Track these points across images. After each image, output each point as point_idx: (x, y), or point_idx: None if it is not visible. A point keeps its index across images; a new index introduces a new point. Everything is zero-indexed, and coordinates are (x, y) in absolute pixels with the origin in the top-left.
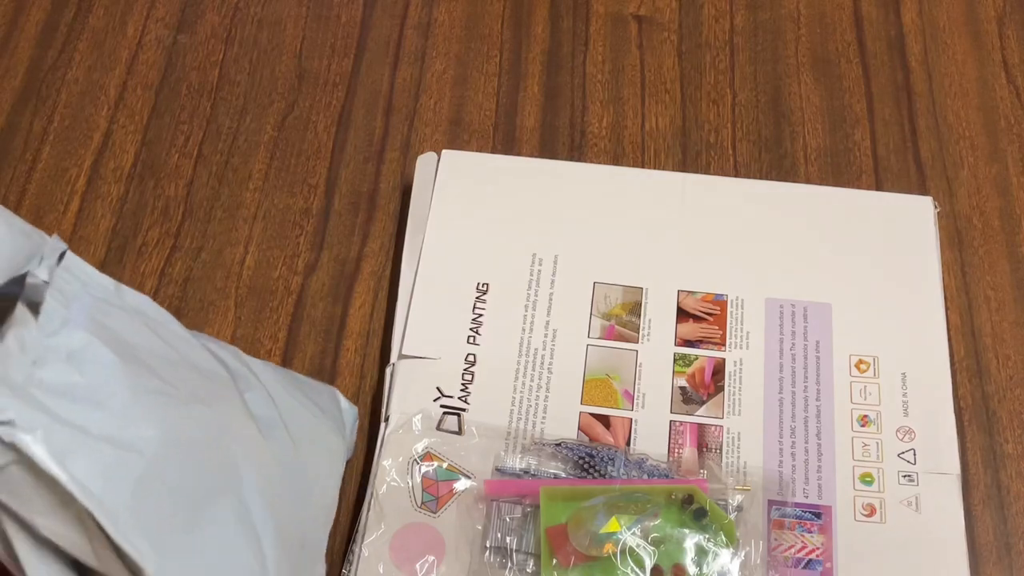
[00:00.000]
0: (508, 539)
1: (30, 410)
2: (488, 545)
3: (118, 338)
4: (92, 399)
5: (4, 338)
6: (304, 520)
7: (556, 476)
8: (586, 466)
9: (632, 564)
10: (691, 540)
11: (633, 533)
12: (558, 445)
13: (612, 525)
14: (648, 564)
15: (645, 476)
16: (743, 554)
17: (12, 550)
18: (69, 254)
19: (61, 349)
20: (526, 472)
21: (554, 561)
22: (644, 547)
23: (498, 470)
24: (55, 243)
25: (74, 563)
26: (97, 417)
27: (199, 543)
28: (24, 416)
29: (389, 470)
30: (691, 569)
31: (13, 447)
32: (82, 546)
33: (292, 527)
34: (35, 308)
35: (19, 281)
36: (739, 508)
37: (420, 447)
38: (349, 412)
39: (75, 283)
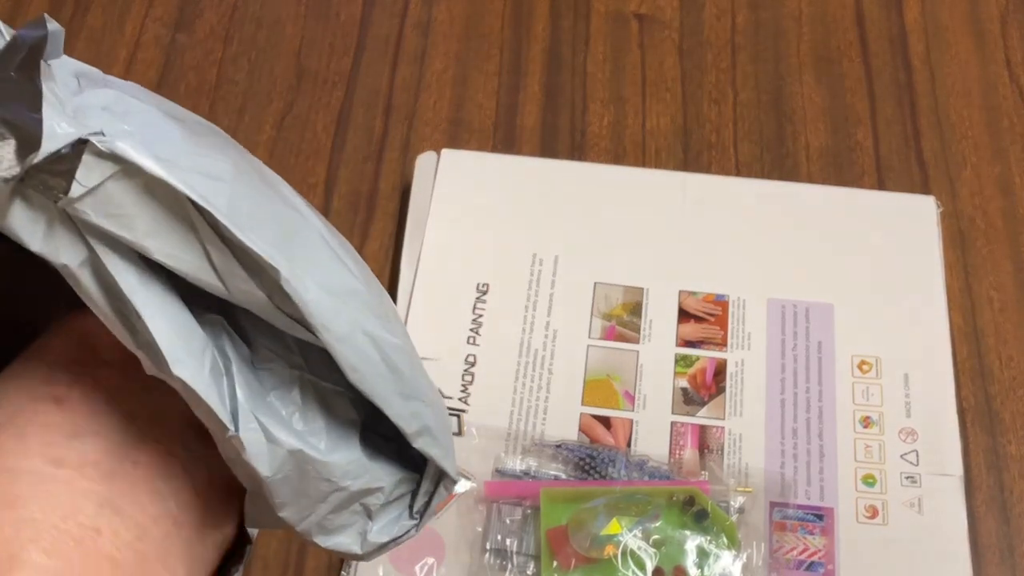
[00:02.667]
0: (508, 541)
1: (109, 123)
2: (488, 547)
3: (141, 97)
4: (151, 139)
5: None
6: (361, 262)
7: (556, 477)
8: (587, 467)
9: (633, 566)
10: (692, 542)
11: (634, 535)
12: (558, 446)
13: (613, 527)
14: (649, 566)
15: (646, 477)
16: (745, 556)
17: (117, 292)
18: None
19: (94, 104)
20: (526, 474)
21: (554, 563)
22: (645, 549)
23: (498, 471)
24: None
25: (182, 296)
26: (165, 147)
27: (301, 255)
28: (112, 128)
29: None
30: (692, 571)
31: (113, 156)
32: (198, 262)
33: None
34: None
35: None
36: (740, 510)
37: None
38: None
39: (70, 64)
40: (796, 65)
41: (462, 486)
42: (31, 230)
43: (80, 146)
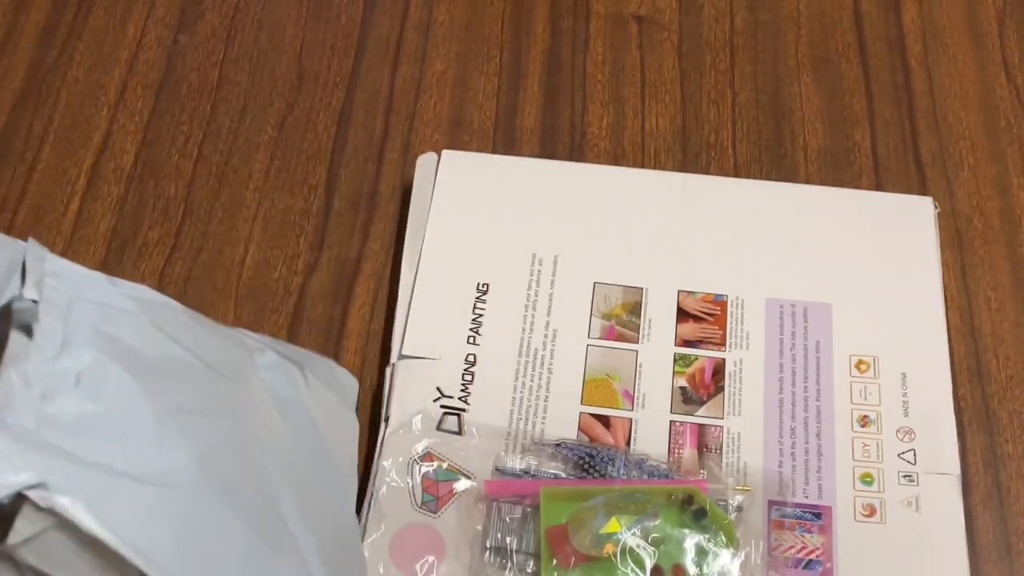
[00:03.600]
0: (508, 539)
1: (55, 462)
2: (488, 545)
3: (125, 348)
4: (113, 430)
5: (3, 375)
6: (339, 515)
7: (556, 476)
8: (586, 466)
9: (632, 564)
10: (691, 540)
11: (633, 533)
12: (558, 445)
13: (612, 525)
14: (648, 564)
15: (645, 476)
16: (743, 554)
17: None
18: (52, 258)
19: (69, 374)
20: (526, 472)
21: (554, 561)
22: (644, 547)
23: (498, 470)
24: (35, 249)
25: None
26: (123, 452)
27: None
28: (52, 472)
29: (389, 470)
30: (691, 569)
31: (51, 511)
32: None
33: (330, 528)
34: (29, 331)
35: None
36: (739, 508)
37: (420, 447)
38: (350, 384)
39: (66, 290)
40: (794, 66)
41: (461, 484)
42: None
43: (19, 500)
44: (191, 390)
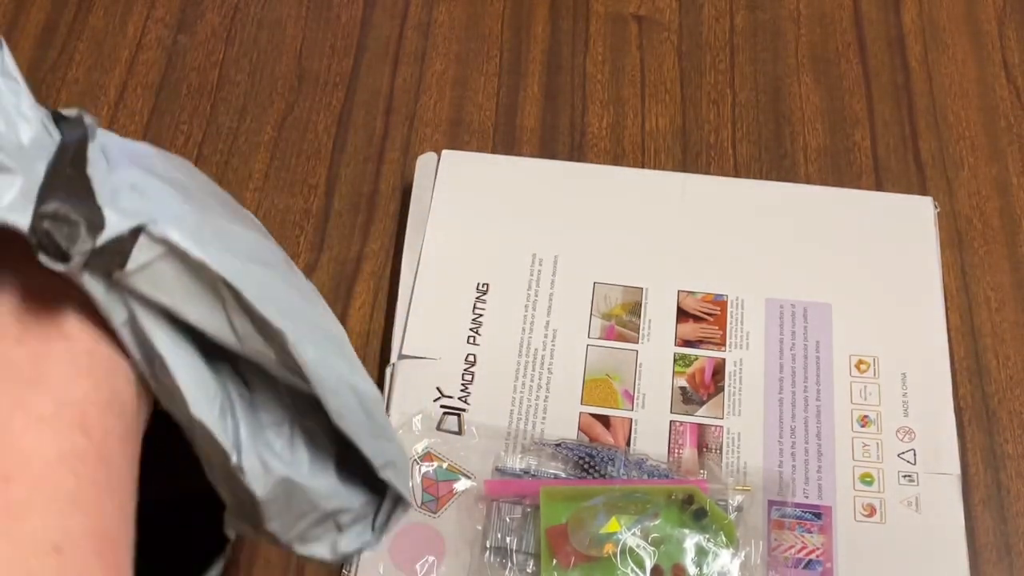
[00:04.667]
0: (508, 539)
1: (144, 212)
2: (488, 545)
3: (159, 174)
4: (172, 215)
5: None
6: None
7: (556, 476)
8: (586, 466)
9: (632, 564)
10: (691, 540)
11: (633, 533)
12: (558, 445)
13: (612, 525)
14: (648, 564)
15: (645, 476)
16: (743, 554)
17: (149, 347)
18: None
19: (124, 182)
20: (526, 472)
21: (554, 561)
22: (644, 547)
23: (498, 470)
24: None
25: (198, 344)
26: (190, 228)
27: (300, 320)
28: (159, 212)
29: None
30: (691, 569)
31: (163, 241)
32: (222, 326)
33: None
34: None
35: None
36: (739, 508)
37: (420, 447)
38: None
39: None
40: (794, 66)
41: (461, 484)
42: (95, 292)
43: (136, 232)
44: (227, 215)
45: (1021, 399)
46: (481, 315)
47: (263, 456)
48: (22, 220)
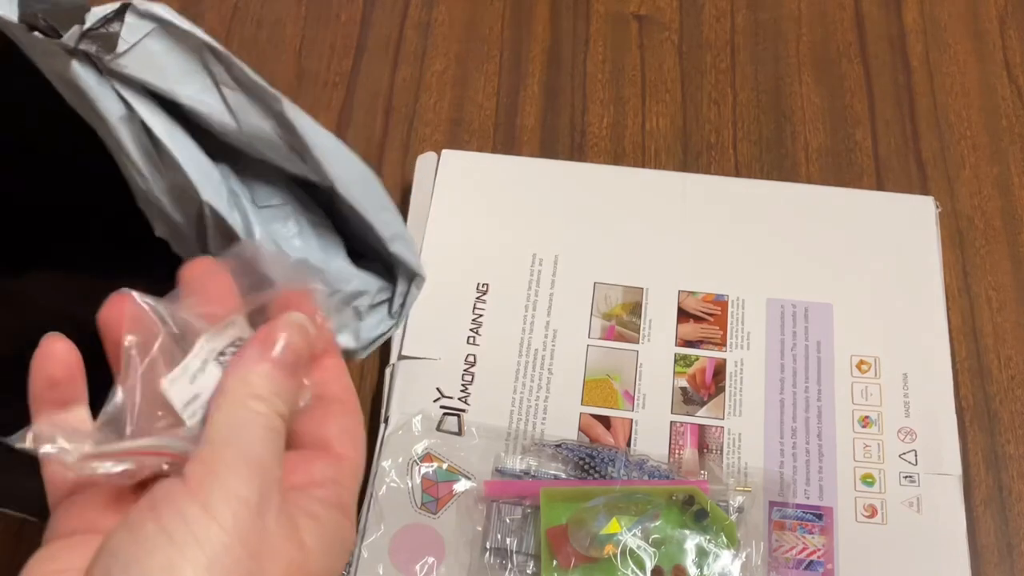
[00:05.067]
0: (508, 540)
1: None
2: (488, 546)
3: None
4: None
5: None
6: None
7: (556, 477)
8: (586, 467)
9: (633, 565)
10: (692, 541)
11: (634, 534)
12: (558, 446)
13: (612, 526)
14: (649, 565)
15: (646, 477)
16: (744, 555)
17: (148, 140)
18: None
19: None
20: (526, 473)
21: (554, 562)
22: (645, 548)
23: (498, 471)
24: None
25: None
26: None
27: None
28: None
29: (388, 471)
30: (692, 570)
31: (150, 15)
32: (216, 103)
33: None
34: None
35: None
36: (740, 509)
37: (420, 448)
38: None
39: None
40: (795, 66)
41: (461, 485)
42: (87, 83)
43: (123, 9)
44: None
45: (1022, 399)
46: (481, 315)
47: (277, 241)
48: (10, 11)
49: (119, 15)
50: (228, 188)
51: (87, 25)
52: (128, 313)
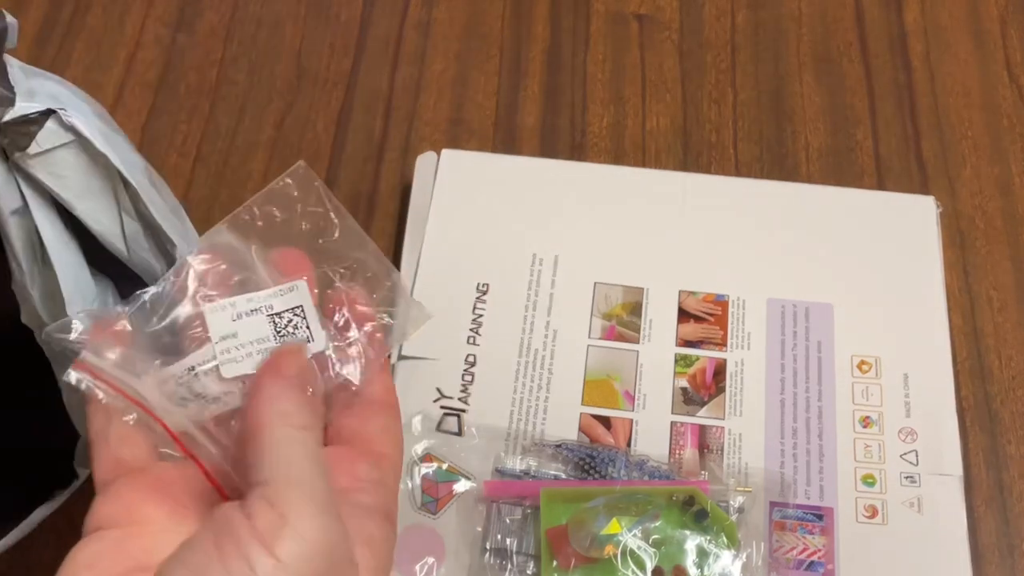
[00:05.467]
0: (508, 541)
1: (56, 101)
2: (488, 547)
3: (86, 102)
4: (85, 116)
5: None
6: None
7: (556, 477)
8: (586, 467)
9: (633, 566)
10: (692, 542)
11: (634, 535)
12: (558, 446)
13: (613, 527)
14: (649, 566)
15: (646, 477)
16: (744, 555)
17: (35, 241)
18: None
19: (42, 91)
20: (526, 473)
21: (554, 563)
22: (645, 549)
23: (498, 471)
24: None
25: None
26: (96, 122)
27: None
28: (61, 104)
29: None
30: (692, 571)
31: (71, 128)
32: (112, 227)
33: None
34: None
35: None
36: (740, 509)
37: (420, 448)
38: None
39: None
40: (796, 65)
41: (461, 485)
42: None
43: (46, 115)
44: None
45: (1023, 399)
46: (481, 315)
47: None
48: None
49: (41, 119)
50: (100, 304)
51: (6, 118)
52: (224, 241)
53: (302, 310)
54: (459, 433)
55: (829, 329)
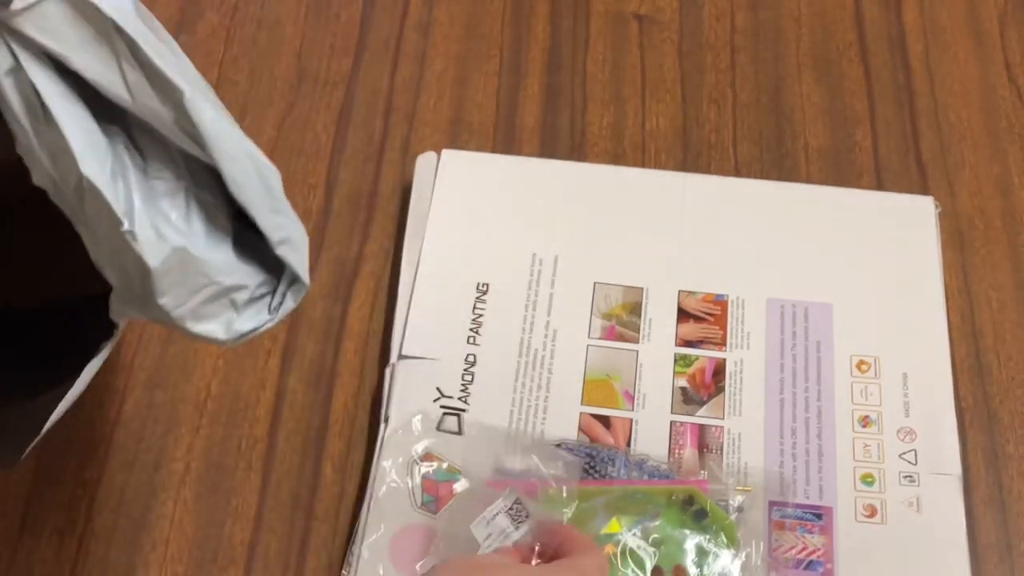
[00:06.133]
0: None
1: None
2: (488, 546)
3: None
4: None
5: None
6: None
7: (556, 477)
8: (586, 467)
9: (632, 565)
10: (692, 541)
11: (634, 534)
12: (558, 446)
13: (613, 526)
14: (648, 565)
15: (645, 477)
16: (744, 555)
17: (34, 99)
18: None
19: None
20: (527, 472)
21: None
22: (644, 548)
23: (498, 471)
24: None
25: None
26: None
27: (195, 83)
28: None
29: (389, 471)
30: (692, 570)
31: None
32: (113, 77)
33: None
34: None
35: None
36: (740, 509)
37: (420, 448)
38: None
39: None
40: (795, 66)
41: (461, 484)
42: None
43: None
44: None
45: (1022, 399)
46: (481, 315)
47: (157, 224)
48: None
49: None
50: (114, 156)
51: None
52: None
53: (519, 503)
54: (459, 432)
55: (828, 329)
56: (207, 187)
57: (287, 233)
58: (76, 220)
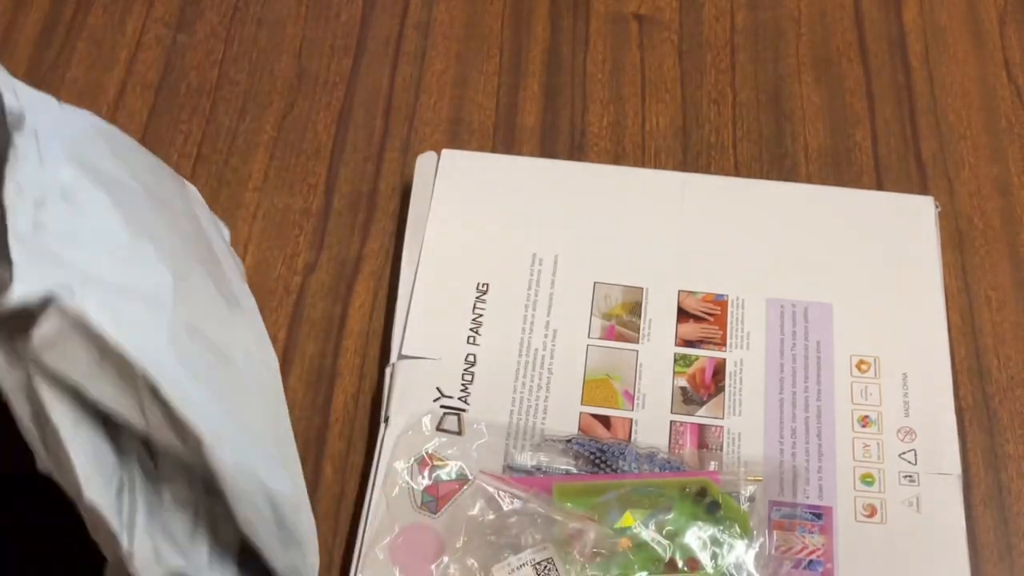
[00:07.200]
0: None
1: (64, 271)
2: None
3: (92, 168)
4: (100, 243)
5: (4, 182)
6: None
7: (568, 472)
8: (597, 462)
9: (648, 559)
10: (705, 533)
11: (648, 527)
12: (568, 441)
13: (627, 520)
14: (663, 558)
15: (656, 470)
16: (757, 545)
17: (44, 418)
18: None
19: (54, 184)
20: (537, 469)
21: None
22: (659, 541)
23: (509, 467)
24: None
25: (104, 432)
26: (112, 265)
27: (230, 401)
28: (65, 280)
29: (401, 472)
30: (706, 562)
31: (78, 316)
32: (132, 413)
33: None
34: (5, 143)
35: None
36: (751, 499)
37: (429, 448)
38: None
39: (27, 109)
40: (795, 65)
41: (461, 484)
42: None
43: (45, 304)
44: (150, 215)
45: (1022, 399)
46: (481, 315)
47: (157, 543)
48: None
49: (39, 310)
50: (123, 470)
51: (4, 306)
52: None
53: (550, 560)
54: (459, 432)
55: (828, 329)
56: (219, 496)
57: (295, 563)
58: (79, 506)
